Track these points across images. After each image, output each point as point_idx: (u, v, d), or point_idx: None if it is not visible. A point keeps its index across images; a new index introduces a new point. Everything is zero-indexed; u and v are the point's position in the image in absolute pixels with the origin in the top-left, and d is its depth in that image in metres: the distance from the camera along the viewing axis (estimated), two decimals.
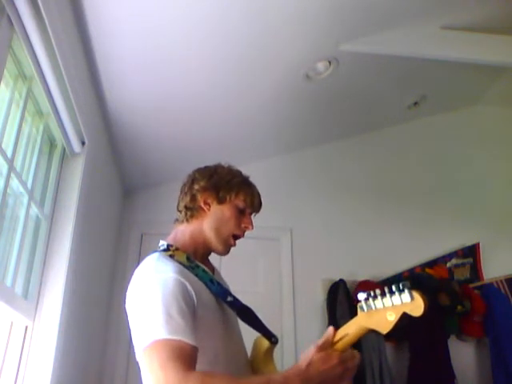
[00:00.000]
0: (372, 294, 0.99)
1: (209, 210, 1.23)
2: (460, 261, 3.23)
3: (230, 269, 1.72)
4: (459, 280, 3.14)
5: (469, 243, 3.24)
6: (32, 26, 1.33)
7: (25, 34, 1.35)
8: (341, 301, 2.90)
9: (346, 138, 3.49)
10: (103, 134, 2.40)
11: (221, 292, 1.16)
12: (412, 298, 0.94)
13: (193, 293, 1.05)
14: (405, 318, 0.95)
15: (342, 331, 1.04)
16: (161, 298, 1.00)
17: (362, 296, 1.01)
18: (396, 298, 0.95)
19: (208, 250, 1.25)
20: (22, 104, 1.56)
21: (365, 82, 2.85)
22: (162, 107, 2.44)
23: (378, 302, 0.98)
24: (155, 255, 1.14)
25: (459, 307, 2.88)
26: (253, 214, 1.30)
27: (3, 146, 1.41)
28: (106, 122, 2.38)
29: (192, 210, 1.24)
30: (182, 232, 1.24)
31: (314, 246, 3.16)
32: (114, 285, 2.84)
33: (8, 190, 1.47)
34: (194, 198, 1.24)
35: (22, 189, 1.62)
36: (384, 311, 0.97)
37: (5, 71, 1.32)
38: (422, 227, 3.26)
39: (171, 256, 1.14)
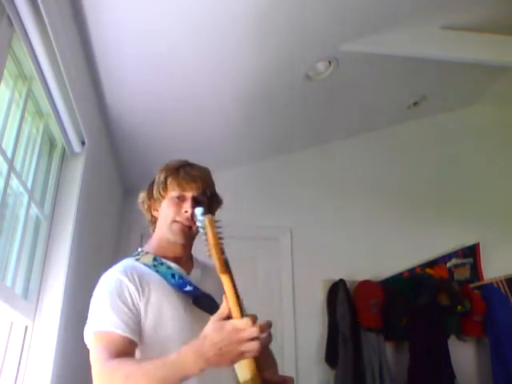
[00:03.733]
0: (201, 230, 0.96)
1: (157, 214, 1.32)
2: (460, 261, 3.23)
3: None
4: (459, 280, 3.14)
5: (469, 243, 3.24)
6: (32, 25, 1.33)
7: (25, 34, 1.35)
8: (341, 301, 2.90)
9: (345, 138, 3.48)
10: (103, 134, 2.40)
11: (179, 284, 1.21)
12: (204, 225, 0.92)
13: (134, 290, 1.14)
14: (403, 318, 0.93)
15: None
16: (99, 296, 1.15)
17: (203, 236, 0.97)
18: (202, 229, 0.94)
19: (176, 248, 1.28)
20: (21, 104, 1.56)
21: (365, 81, 2.85)
22: (162, 107, 2.44)
23: (205, 241, 0.95)
24: (123, 260, 1.26)
25: (459, 307, 2.88)
26: (200, 193, 1.28)
27: (3, 145, 1.41)
28: (106, 122, 2.38)
29: (151, 222, 1.36)
30: (152, 239, 1.34)
31: (314, 246, 3.16)
32: None
33: (8, 190, 1.47)
34: (146, 211, 1.37)
35: (22, 189, 1.62)
36: (212, 250, 0.94)
37: (5, 71, 1.32)
38: (422, 227, 3.26)
39: (137, 259, 1.25)
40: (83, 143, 1.95)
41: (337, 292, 2.94)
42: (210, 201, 1.30)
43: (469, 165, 3.55)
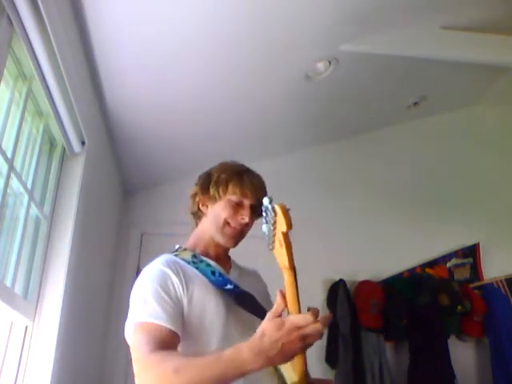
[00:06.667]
0: (264, 221, 0.92)
1: (207, 210, 1.30)
2: (460, 261, 3.23)
3: None
4: (459, 280, 3.14)
5: (469, 243, 3.24)
6: (32, 26, 1.33)
7: (25, 34, 1.35)
8: (341, 301, 2.90)
9: (345, 138, 3.48)
10: (103, 134, 2.40)
11: (220, 281, 1.20)
12: (275, 213, 0.86)
13: (178, 283, 1.12)
14: (403, 318, 0.94)
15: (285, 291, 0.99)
16: (142, 287, 1.13)
17: (265, 228, 0.92)
18: (271, 218, 0.89)
19: (219, 247, 1.30)
20: (21, 104, 1.56)
21: (365, 82, 2.85)
22: (162, 107, 2.44)
23: (272, 231, 0.91)
24: (163, 255, 1.23)
25: (459, 307, 2.88)
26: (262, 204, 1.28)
27: (3, 145, 1.41)
28: (106, 122, 2.38)
29: (195, 215, 1.34)
30: (192, 235, 1.34)
31: (314, 246, 3.15)
32: (114, 284, 2.84)
33: (8, 190, 1.47)
34: (194, 203, 1.33)
35: (22, 189, 1.62)
36: (277, 242, 0.91)
37: (5, 71, 1.33)
38: (422, 227, 3.26)
39: (176, 255, 1.23)
40: (83, 143, 1.95)
41: (337, 292, 2.94)
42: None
43: (469, 165, 3.54)
